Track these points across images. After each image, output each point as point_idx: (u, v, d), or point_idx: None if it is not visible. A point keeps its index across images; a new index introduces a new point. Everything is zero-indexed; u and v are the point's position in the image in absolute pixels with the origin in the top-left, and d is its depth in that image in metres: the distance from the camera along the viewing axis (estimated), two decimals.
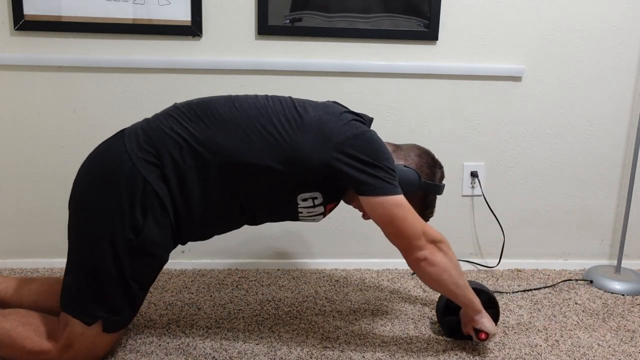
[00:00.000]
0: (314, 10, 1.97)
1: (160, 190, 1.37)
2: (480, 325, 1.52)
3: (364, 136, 1.41)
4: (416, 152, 1.56)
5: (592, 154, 2.17)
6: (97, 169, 1.41)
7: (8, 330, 1.37)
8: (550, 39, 2.07)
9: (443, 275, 1.46)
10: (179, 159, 1.38)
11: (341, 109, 1.49)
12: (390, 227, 1.43)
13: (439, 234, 1.48)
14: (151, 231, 1.37)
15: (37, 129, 2.01)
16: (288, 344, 1.59)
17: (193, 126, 1.40)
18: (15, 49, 1.94)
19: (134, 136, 1.41)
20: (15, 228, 2.08)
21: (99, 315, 1.38)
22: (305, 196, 1.45)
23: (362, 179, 1.39)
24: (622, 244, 2.10)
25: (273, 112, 1.43)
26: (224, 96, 1.49)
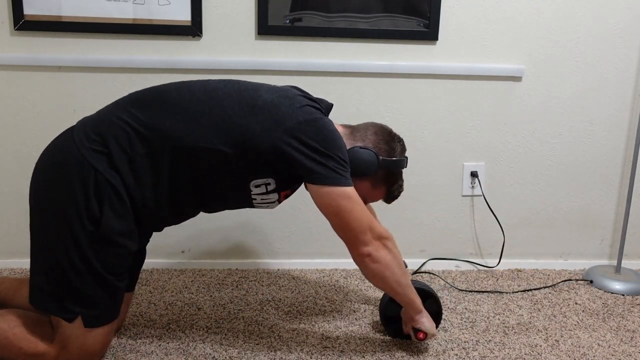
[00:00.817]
0: (314, 10, 1.97)
1: (112, 178, 1.35)
2: (420, 324, 1.51)
3: (316, 123, 1.39)
4: (372, 131, 1.54)
5: (592, 154, 2.17)
6: (48, 165, 1.40)
7: (5, 331, 1.37)
8: (550, 39, 2.07)
9: (385, 272, 1.44)
10: (126, 146, 1.36)
11: (297, 92, 1.46)
12: (336, 218, 1.40)
13: (385, 230, 1.46)
14: (110, 221, 1.35)
15: (37, 129, 2.01)
16: (288, 344, 1.59)
17: (142, 113, 1.38)
18: (15, 49, 1.94)
19: (82, 128, 1.40)
20: (15, 228, 2.08)
21: (76, 310, 1.36)
22: (258, 182, 1.43)
23: (311, 166, 1.36)
24: (622, 244, 2.10)
25: (224, 95, 1.40)
26: (175, 82, 1.46)
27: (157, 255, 2.10)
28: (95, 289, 1.37)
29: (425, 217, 2.18)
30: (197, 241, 2.12)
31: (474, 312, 1.82)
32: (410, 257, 2.18)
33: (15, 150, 2.01)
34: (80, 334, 1.37)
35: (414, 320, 1.52)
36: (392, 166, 1.53)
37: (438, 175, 2.15)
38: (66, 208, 1.34)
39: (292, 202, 2.05)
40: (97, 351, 1.42)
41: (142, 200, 1.39)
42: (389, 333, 1.64)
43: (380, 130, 1.55)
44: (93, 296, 1.37)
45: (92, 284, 1.36)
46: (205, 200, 1.48)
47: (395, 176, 1.57)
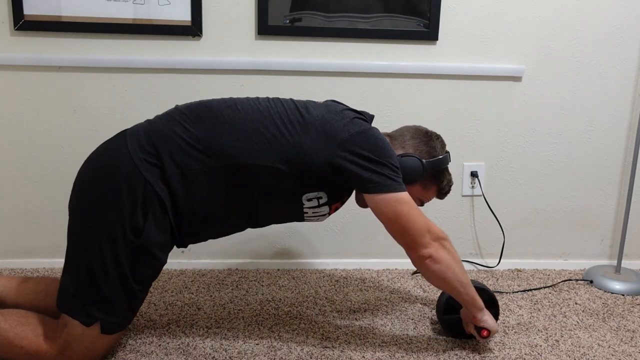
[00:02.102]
0: (314, 10, 1.97)
1: (161, 191, 1.37)
2: (483, 323, 1.52)
3: (367, 133, 1.42)
4: (409, 135, 1.56)
5: (592, 154, 2.17)
6: (99, 170, 1.41)
7: (6, 331, 1.37)
8: (550, 39, 2.07)
9: (447, 272, 1.46)
10: (181, 161, 1.38)
11: (343, 107, 1.49)
12: (395, 224, 1.42)
13: (442, 231, 1.48)
14: (151, 232, 1.37)
15: (37, 129, 2.01)
16: (288, 344, 1.59)
17: (196, 128, 1.40)
18: (15, 49, 1.94)
19: (135, 137, 1.41)
20: (15, 228, 2.08)
21: (96, 316, 1.38)
22: (310, 196, 1.46)
23: (367, 176, 1.39)
24: (622, 244, 2.10)
25: (275, 113, 1.43)
26: (225, 99, 1.49)
27: None
28: (120, 297, 1.39)
29: None
30: None
31: None
32: None
33: (15, 150, 2.01)
34: (90, 337, 1.39)
35: (476, 319, 1.53)
36: (437, 166, 1.55)
37: None
38: (110, 215, 1.36)
39: None
40: (101, 354, 1.44)
41: (191, 214, 1.41)
42: (448, 334, 1.65)
43: (416, 132, 1.58)
44: (116, 304, 1.39)
45: (119, 291, 1.38)
46: (256, 215, 1.51)
47: (442, 173, 1.59)
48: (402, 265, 2.16)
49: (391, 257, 2.16)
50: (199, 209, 1.41)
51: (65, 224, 2.09)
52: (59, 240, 2.09)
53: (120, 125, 2.00)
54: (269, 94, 2.03)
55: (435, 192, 1.61)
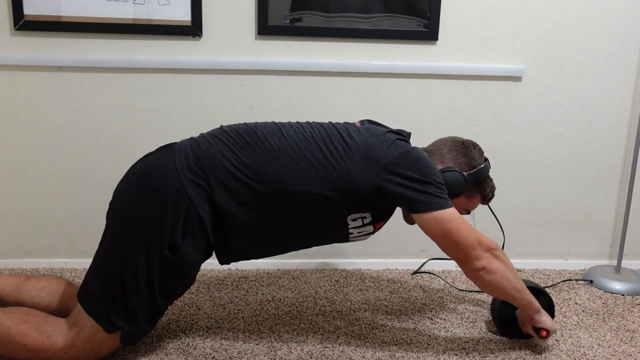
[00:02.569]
0: (314, 10, 1.97)
1: (204, 213, 1.39)
2: (541, 323, 1.54)
3: (410, 154, 1.44)
4: (446, 149, 1.58)
5: (592, 154, 2.17)
6: (146, 185, 1.42)
7: (8, 328, 1.38)
8: (550, 39, 2.07)
9: (502, 282, 1.47)
10: (229, 185, 1.40)
11: (382, 129, 1.50)
12: (445, 241, 1.44)
13: (492, 241, 1.49)
14: (188, 251, 1.40)
15: (37, 129, 2.01)
16: (288, 344, 1.59)
17: (244, 154, 1.42)
18: (15, 49, 1.94)
19: (183, 156, 1.42)
20: (15, 228, 2.08)
21: (119, 325, 1.39)
22: (355, 216, 1.48)
23: (414, 196, 1.41)
24: (622, 244, 2.10)
25: (320, 140, 1.45)
26: (270, 124, 1.51)
27: None
28: (145, 310, 1.41)
29: None
30: None
31: (474, 312, 1.82)
32: (410, 257, 2.18)
33: (15, 150, 2.01)
34: (100, 340, 1.40)
35: (534, 320, 1.54)
36: (479, 176, 1.57)
37: None
38: (151, 229, 1.37)
39: None
40: (104, 355, 1.45)
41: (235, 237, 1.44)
42: (504, 334, 1.66)
43: (453, 145, 1.59)
44: (140, 316, 1.40)
45: (144, 305, 1.40)
46: (301, 238, 1.54)
47: (484, 181, 1.61)
48: (402, 265, 2.16)
49: (391, 257, 2.16)
50: (244, 232, 1.44)
51: (65, 224, 2.09)
52: (58, 240, 2.09)
53: (120, 125, 2.02)
54: (269, 93, 2.03)
55: (480, 200, 1.63)
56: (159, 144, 2.01)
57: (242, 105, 2.03)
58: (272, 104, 2.04)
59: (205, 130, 2.02)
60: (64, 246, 2.10)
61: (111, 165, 2.04)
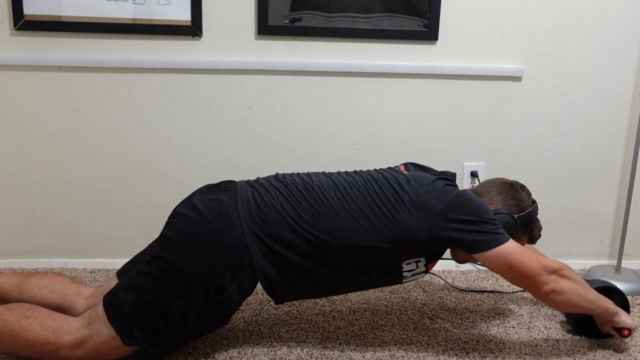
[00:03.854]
0: (314, 10, 1.97)
1: (258, 264, 1.42)
2: (621, 323, 1.56)
3: (460, 198, 1.46)
4: (495, 191, 1.60)
5: (592, 154, 2.17)
6: (207, 224, 1.44)
7: (11, 323, 1.37)
8: (550, 39, 2.07)
9: (574, 299, 1.49)
10: (288, 238, 1.43)
11: (430, 177, 1.52)
12: (511, 272, 1.46)
13: (556, 262, 1.51)
14: (232, 296, 1.42)
15: (37, 129, 2.01)
16: (288, 344, 1.59)
17: (303, 209, 1.45)
18: (15, 49, 1.94)
19: (246, 204, 1.46)
20: (15, 228, 2.08)
21: (139, 341, 1.39)
22: (410, 261, 1.50)
23: (472, 238, 1.43)
24: (622, 244, 2.10)
25: (374, 193, 1.48)
26: (323, 178, 1.53)
27: None
28: (171, 339, 1.43)
29: None
30: None
31: (474, 312, 1.82)
32: None
33: (15, 150, 2.01)
34: (112, 347, 1.40)
35: (613, 322, 1.56)
36: (528, 218, 1.59)
37: None
38: (203, 269, 1.40)
39: None
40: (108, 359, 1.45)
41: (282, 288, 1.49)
42: (582, 335, 1.67)
43: (502, 187, 1.61)
44: (162, 340, 1.42)
45: (173, 334, 1.42)
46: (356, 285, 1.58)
47: (532, 224, 1.63)
48: None
49: None
50: (299, 283, 1.48)
51: (65, 224, 2.09)
52: (59, 240, 2.09)
53: (120, 125, 2.02)
54: (269, 93, 2.03)
55: (527, 241, 1.65)
56: (159, 144, 2.03)
57: (242, 105, 2.03)
58: (272, 104, 2.04)
59: (205, 131, 2.03)
60: (64, 246, 2.10)
61: (111, 166, 2.04)
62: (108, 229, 2.10)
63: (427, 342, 1.62)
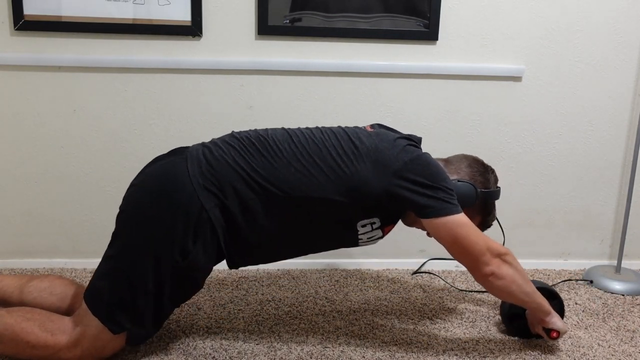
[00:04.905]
0: (314, 10, 1.97)
1: (216, 220, 1.40)
2: (552, 325, 1.55)
3: (420, 160, 1.44)
4: (466, 163, 1.59)
5: (592, 154, 2.17)
6: (156, 187, 1.43)
7: (12, 325, 1.38)
8: (550, 39, 2.07)
9: (512, 286, 1.48)
10: (241, 191, 1.41)
11: (393, 134, 1.51)
12: (455, 246, 1.45)
13: (502, 246, 1.49)
14: (198, 257, 1.40)
15: (37, 129, 2.01)
16: (288, 344, 1.59)
17: (255, 161, 1.43)
18: (15, 49, 1.94)
19: (196, 162, 1.43)
20: (15, 228, 2.08)
21: (125, 326, 1.40)
22: (364, 222, 1.48)
23: (424, 202, 1.41)
24: (622, 244, 2.10)
25: (330, 145, 1.46)
26: (280, 131, 1.52)
27: None
28: (153, 313, 1.41)
29: None
30: None
31: (474, 312, 1.82)
32: (410, 257, 2.18)
33: (15, 150, 2.01)
34: (105, 340, 1.40)
35: (544, 321, 1.55)
36: (489, 197, 1.58)
37: None
38: (163, 235, 1.38)
39: None
40: (108, 356, 1.45)
41: (246, 242, 1.45)
42: (514, 334, 1.66)
43: (473, 162, 1.60)
44: (146, 318, 1.41)
45: (152, 307, 1.41)
46: (311, 244, 1.55)
47: (489, 207, 1.62)
48: (402, 265, 2.16)
49: (391, 257, 2.16)
50: (254, 238, 1.45)
51: (65, 224, 2.09)
52: (58, 240, 2.09)
53: (120, 125, 2.01)
54: (269, 93, 2.03)
55: (479, 223, 1.63)
56: (159, 144, 2.02)
57: (242, 105, 2.03)
58: (272, 104, 2.04)
59: (205, 131, 2.03)
60: (64, 246, 2.10)
61: (111, 166, 2.04)
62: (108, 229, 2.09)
63: (427, 342, 1.62)
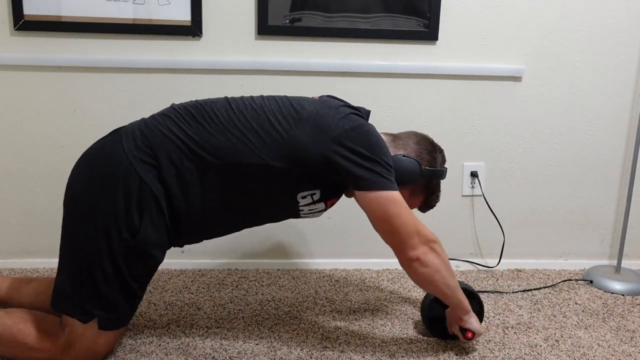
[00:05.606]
0: (314, 10, 1.97)
1: (157, 191, 1.37)
2: (468, 324, 1.52)
3: (362, 129, 1.41)
4: (414, 140, 1.56)
5: (592, 154, 2.17)
6: (93, 168, 1.40)
7: (10, 327, 1.38)
8: (550, 39, 2.07)
9: (435, 276, 1.44)
10: (177, 160, 1.38)
11: (338, 102, 1.48)
12: (384, 223, 1.41)
13: (432, 233, 1.46)
14: (147, 232, 1.37)
15: (37, 129, 2.01)
16: (288, 344, 1.59)
17: (191, 129, 1.40)
18: (15, 49, 1.94)
19: (131, 136, 1.40)
20: (15, 228, 2.08)
21: (94, 313, 1.37)
22: (305, 194, 1.45)
23: (359, 173, 1.38)
24: (622, 244, 2.10)
25: (269, 110, 1.43)
26: (220, 98, 1.49)
27: None
28: (119, 294, 1.39)
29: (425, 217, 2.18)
30: None
31: None
32: None
33: (15, 150, 2.01)
34: (92, 335, 1.39)
35: (462, 320, 1.53)
36: (433, 176, 1.55)
37: None
38: (106, 214, 1.35)
39: None
40: (103, 353, 1.43)
41: (187, 214, 1.41)
42: (432, 333, 1.64)
43: (422, 139, 1.58)
44: (114, 301, 1.39)
45: (116, 289, 1.38)
46: (252, 214, 1.51)
47: (434, 186, 1.59)
48: None
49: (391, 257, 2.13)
50: (195, 208, 1.41)
51: None
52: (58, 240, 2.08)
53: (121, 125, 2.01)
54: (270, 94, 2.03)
55: (420, 203, 1.60)
56: None
57: None
58: None
59: None
60: None
61: None
62: None
63: (427, 342, 1.62)
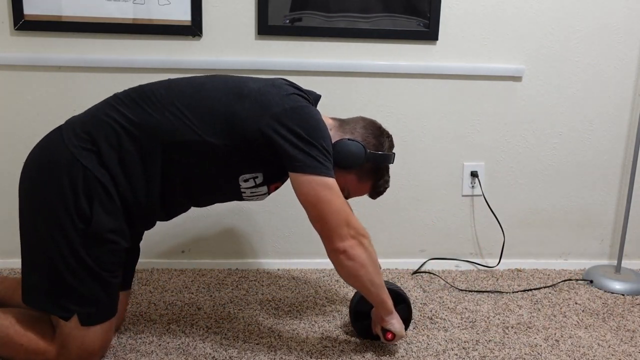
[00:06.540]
0: (314, 10, 1.97)
1: (102, 176, 1.35)
2: (389, 325, 1.50)
3: (302, 110, 1.38)
4: (361, 125, 1.54)
5: (592, 154, 2.17)
6: (36, 164, 1.40)
7: (6, 328, 1.38)
8: (550, 39, 2.07)
9: (360, 271, 1.42)
10: (116, 144, 1.36)
11: (285, 82, 1.46)
12: (314, 209, 1.39)
13: (363, 228, 1.44)
14: (100, 218, 1.35)
15: (37, 129, 2.00)
16: (288, 344, 1.59)
17: (129, 110, 1.38)
18: (15, 49, 1.94)
19: (70, 127, 1.40)
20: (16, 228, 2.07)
21: (72, 309, 1.36)
22: (247, 177, 1.44)
23: (294, 154, 1.35)
24: (622, 244, 2.10)
25: (212, 87, 1.41)
26: (163, 81, 1.47)
27: (157, 255, 2.10)
28: (91, 286, 1.36)
29: (426, 217, 2.18)
30: (197, 241, 2.12)
31: (474, 312, 1.82)
32: (410, 257, 2.18)
33: (15, 150, 2.01)
34: (79, 333, 1.37)
35: (384, 320, 1.50)
36: (379, 160, 1.53)
37: (438, 175, 2.15)
38: (56, 207, 1.34)
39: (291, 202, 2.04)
40: (96, 350, 1.42)
41: (133, 197, 1.39)
42: (357, 332, 1.63)
43: (369, 124, 1.55)
44: (89, 294, 1.37)
45: (87, 281, 1.36)
46: (195, 195, 1.49)
47: (381, 171, 1.57)
48: (402, 265, 2.16)
49: (391, 257, 2.16)
50: (140, 192, 1.39)
51: None
52: None
53: None
54: None
55: (369, 189, 1.58)
56: None
57: None
58: None
59: None
60: None
61: None
62: None
63: (427, 342, 1.62)
